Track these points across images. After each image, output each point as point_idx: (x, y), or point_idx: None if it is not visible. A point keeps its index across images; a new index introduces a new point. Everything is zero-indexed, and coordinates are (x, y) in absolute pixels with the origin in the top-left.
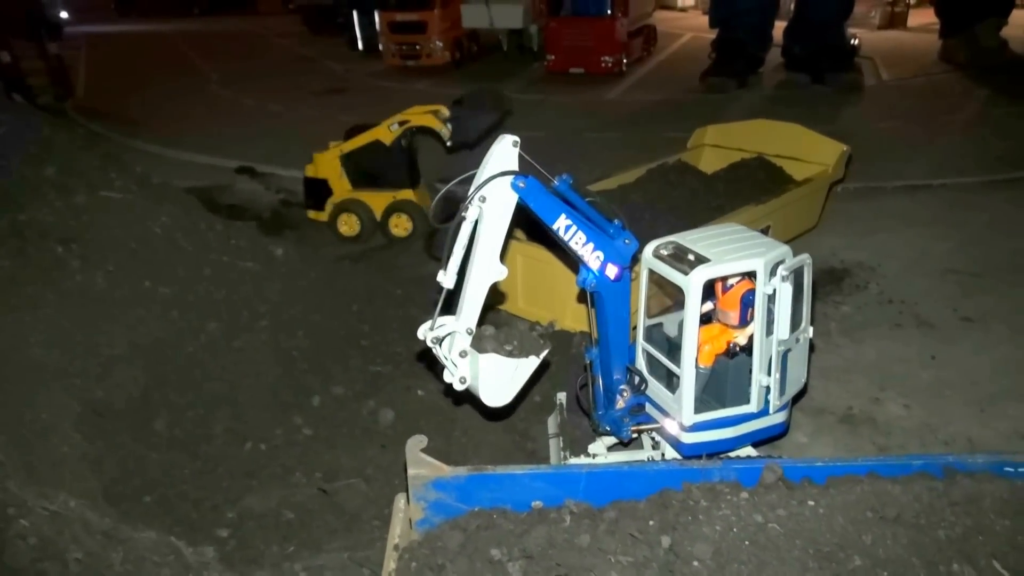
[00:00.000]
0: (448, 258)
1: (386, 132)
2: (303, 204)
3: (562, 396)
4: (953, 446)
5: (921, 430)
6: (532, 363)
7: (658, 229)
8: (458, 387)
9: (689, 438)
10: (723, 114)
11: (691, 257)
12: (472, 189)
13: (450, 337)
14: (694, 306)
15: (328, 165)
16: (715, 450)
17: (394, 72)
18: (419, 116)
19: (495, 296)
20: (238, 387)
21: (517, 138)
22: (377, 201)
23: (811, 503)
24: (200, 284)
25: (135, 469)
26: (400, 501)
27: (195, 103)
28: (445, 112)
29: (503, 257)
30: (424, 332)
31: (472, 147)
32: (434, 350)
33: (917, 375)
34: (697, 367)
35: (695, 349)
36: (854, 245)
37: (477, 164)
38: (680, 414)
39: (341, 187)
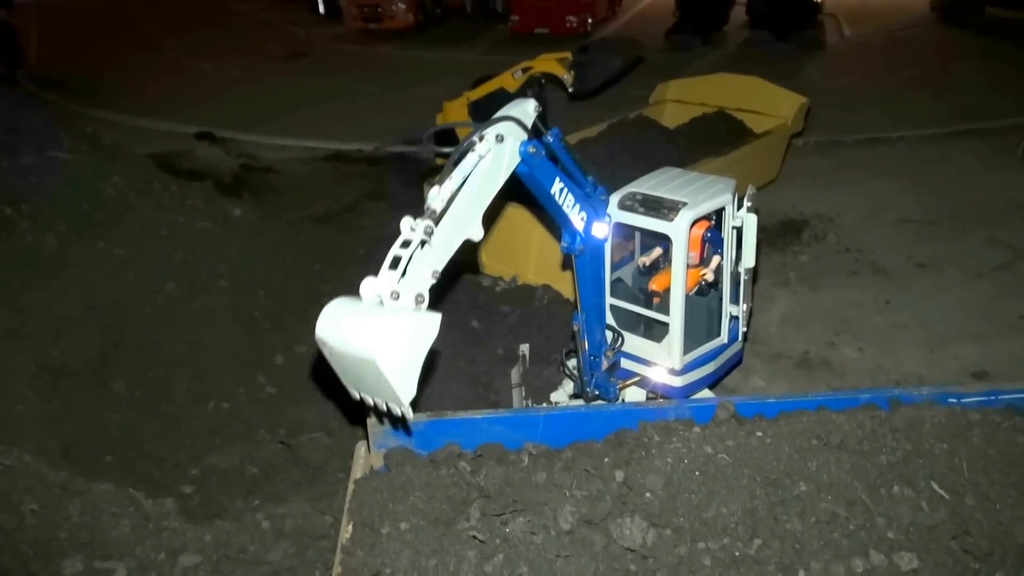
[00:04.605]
0: (446, 178)
1: (510, 80)
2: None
3: (525, 348)
4: (903, 385)
5: (874, 371)
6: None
7: (618, 182)
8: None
9: (680, 380)
10: (688, 71)
11: (666, 204)
12: (489, 123)
13: (418, 254)
14: (682, 251)
15: (457, 113)
16: (701, 387)
17: (357, 35)
18: (542, 62)
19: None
20: (199, 347)
21: (538, 103)
22: None
23: (759, 434)
24: (156, 244)
25: (95, 429)
26: (361, 449)
27: (153, 70)
28: (571, 59)
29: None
30: (412, 222)
31: (594, 95)
32: (400, 252)
33: (871, 319)
34: None
35: (684, 294)
36: (814, 197)
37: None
38: (669, 359)
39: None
